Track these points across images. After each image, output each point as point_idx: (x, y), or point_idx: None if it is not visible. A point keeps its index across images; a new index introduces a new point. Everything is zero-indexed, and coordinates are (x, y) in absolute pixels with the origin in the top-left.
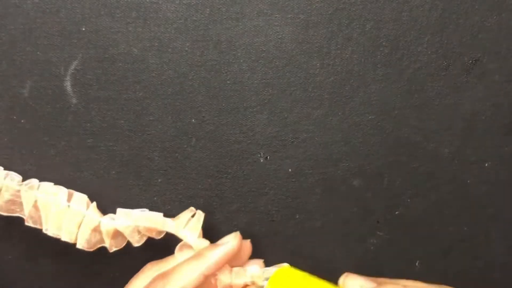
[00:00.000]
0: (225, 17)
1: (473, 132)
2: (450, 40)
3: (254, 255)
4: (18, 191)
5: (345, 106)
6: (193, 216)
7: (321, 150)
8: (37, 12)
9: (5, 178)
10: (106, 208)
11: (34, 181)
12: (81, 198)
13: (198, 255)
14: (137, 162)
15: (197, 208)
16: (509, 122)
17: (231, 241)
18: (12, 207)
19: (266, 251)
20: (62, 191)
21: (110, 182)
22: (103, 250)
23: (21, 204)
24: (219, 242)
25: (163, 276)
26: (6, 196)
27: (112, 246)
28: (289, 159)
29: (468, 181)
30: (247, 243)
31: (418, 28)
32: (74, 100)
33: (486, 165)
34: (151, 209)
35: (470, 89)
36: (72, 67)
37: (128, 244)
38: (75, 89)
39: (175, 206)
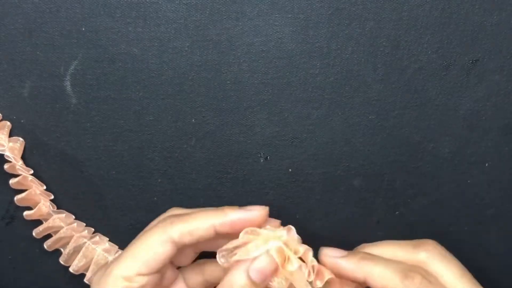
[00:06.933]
0: (225, 17)
1: (473, 132)
2: (450, 40)
3: None
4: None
5: (345, 106)
6: None
7: (321, 150)
8: (37, 12)
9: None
10: (106, 207)
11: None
12: None
13: (218, 209)
14: (137, 162)
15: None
16: (509, 122)
17: (257, 211)
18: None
19: None
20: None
21: (110, 182)
22: None
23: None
24: (246, 207)
25: (176, 216)
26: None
27: None
28: (289, 159)
29: (468, 181)
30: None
31: (418, 28)
32: (74, 100)
33: (486, 165)
34: (151, 209)
35: (470, 89)
36: (72, 67)
37: None
38: (75, 89)
39: (175, 206)
